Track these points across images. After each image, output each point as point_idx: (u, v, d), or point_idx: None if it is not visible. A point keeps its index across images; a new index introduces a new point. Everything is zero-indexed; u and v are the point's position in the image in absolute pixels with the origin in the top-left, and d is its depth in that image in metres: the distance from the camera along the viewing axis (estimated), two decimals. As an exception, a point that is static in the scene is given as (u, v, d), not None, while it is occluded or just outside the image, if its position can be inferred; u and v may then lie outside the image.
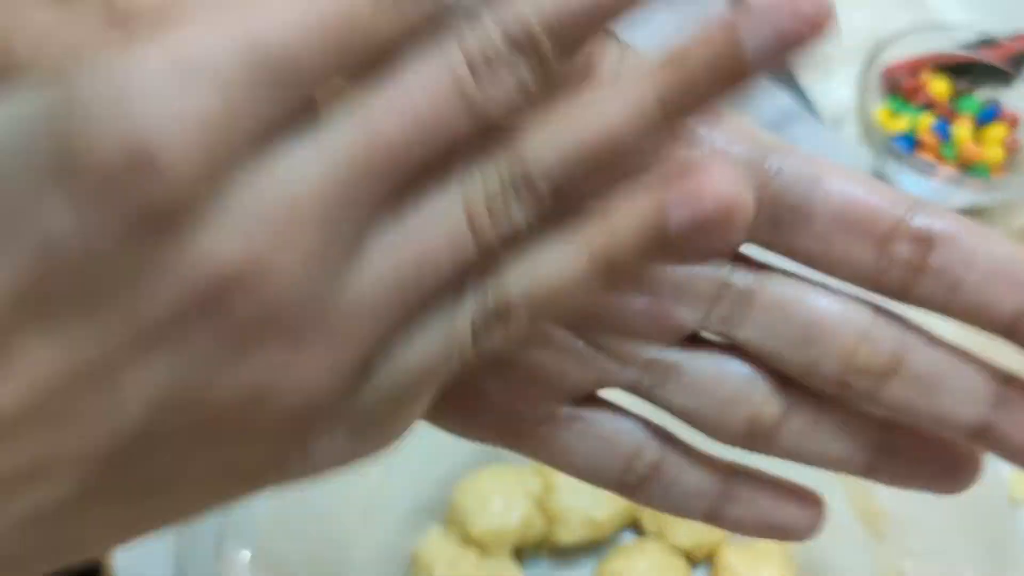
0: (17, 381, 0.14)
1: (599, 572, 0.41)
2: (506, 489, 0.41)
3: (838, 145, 0.53)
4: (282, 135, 0.14)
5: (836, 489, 0.38)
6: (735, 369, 0.19)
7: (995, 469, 0.32)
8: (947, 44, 0.57)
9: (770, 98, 0.55)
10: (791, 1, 0.15)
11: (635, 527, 0.43)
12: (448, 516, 0.41)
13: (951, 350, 0.19)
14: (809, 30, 0.15)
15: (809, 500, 0.21)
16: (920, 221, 0.18)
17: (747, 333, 0.19)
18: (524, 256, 0.16)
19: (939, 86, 0.56)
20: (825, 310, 0.19)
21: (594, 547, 0.42)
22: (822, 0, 0.15)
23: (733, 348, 0.19)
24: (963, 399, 0.19)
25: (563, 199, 0.16)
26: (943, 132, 0.54)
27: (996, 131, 0.55)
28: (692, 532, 0.41)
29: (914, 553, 0.35)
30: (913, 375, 0.19)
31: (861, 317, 0.19)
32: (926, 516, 0.35)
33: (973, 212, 0.54)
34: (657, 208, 0.15)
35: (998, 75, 0.57)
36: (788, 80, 0.58)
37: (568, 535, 0.41)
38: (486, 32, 0.15)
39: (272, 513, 0.35)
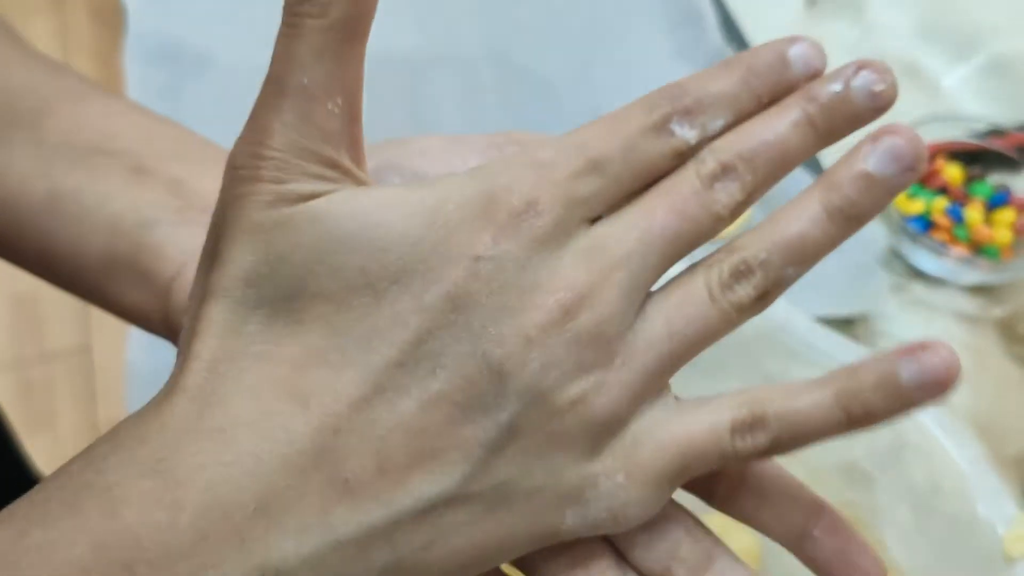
0: None
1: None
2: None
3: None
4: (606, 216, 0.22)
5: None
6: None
7: (991, 531, 0.36)
8: (960, 133, 0.62)
9: (793, 180, 0.59)
10: (943, 361, 0.22)
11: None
12: None
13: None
14: (942, 385, 0.22)
15: None
16: None
17: None
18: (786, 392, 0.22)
19: (953, 172, 0.60)
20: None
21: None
22: (954, 369, 0.22)
23: None
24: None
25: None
26: (956, 215, 0.59)
27: (1006, 215, 0.59)
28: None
29: (920, 603, 0.39)
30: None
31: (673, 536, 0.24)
32: (933, 571, 0.38)
33: (983, 290, 0.58)
34: (894, 364, 0.21)
35: (1008, 163, 0.61)
36: (811, 163, 0.62)
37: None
38: (714, 161, 0.22)
39: None
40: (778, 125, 0.22)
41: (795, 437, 0.22)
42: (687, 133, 0.22)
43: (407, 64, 0.68)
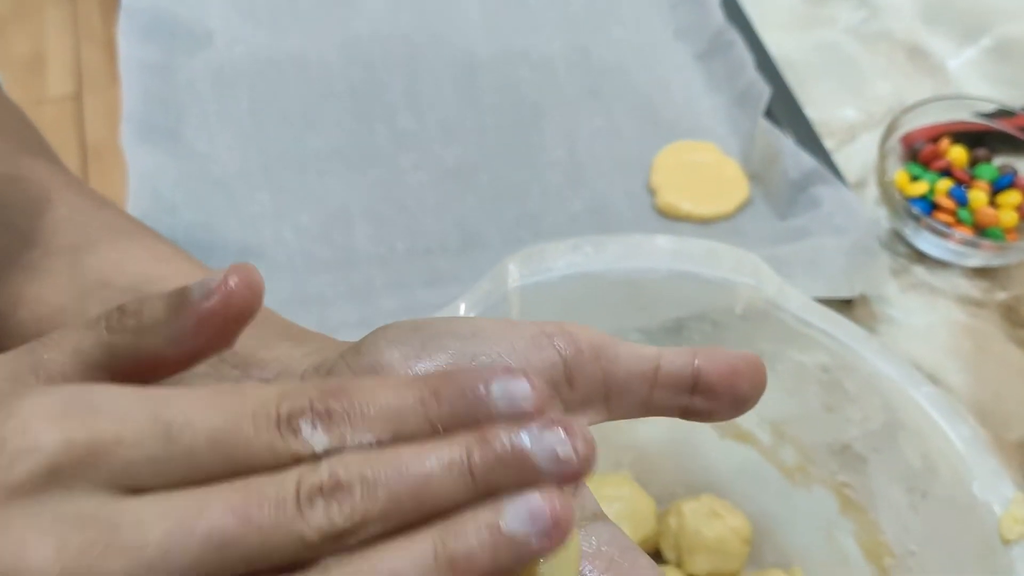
0: None
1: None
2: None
3: (859, 206, 0.57)
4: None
5: (843, 524, 0.41)
6: None
7: (988, 512, 0.35)
8: (966, 114, 0.61)
9: (795, 160, 0.58)
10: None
11: (655, 555, 0.45)
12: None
13: None
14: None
15: None
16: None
17: None
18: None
19: (957, 153, 0.59)
20: None
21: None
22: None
23: None
24: None
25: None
26: (960, 197, 0.57)
27: (1011, 197, 0.58)
28: (710, 560, 0.43)
29: (915, 587, 0.38)
30: None
31: None
32: (926, 554, 0.38)
33: (987, 273, 0.57)
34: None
35: (1014, 144, 0.60)
36: (813, 143, 0.61)
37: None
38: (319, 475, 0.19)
39: None
40: (429, 460, 0.19)
41: None
42: (316, 439, 0.19)
43: (405, 42, 0.67)
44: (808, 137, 0.62)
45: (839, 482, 0.41)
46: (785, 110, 0.63)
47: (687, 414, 0.25)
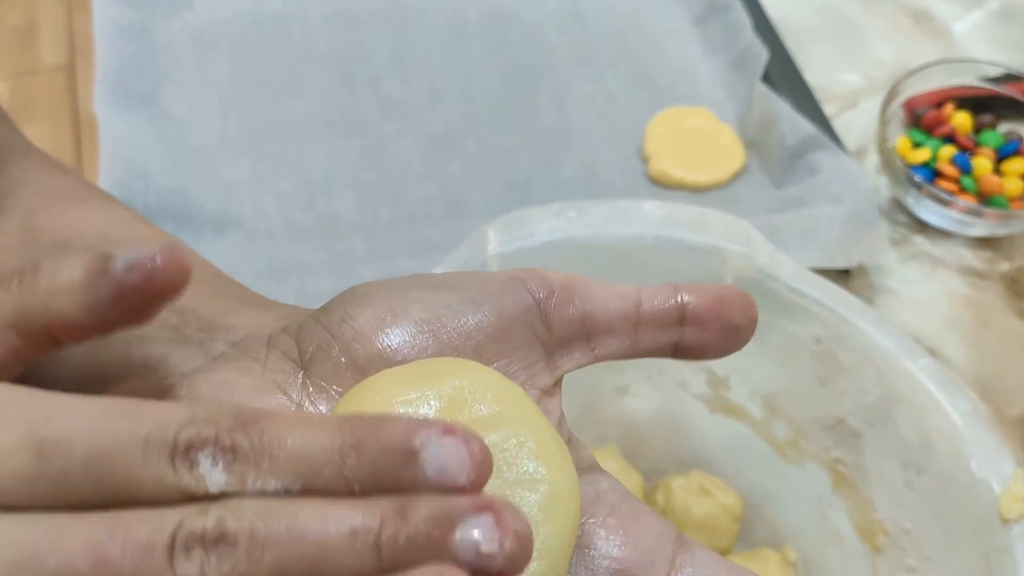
0: None
1: None
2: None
3: (858, 174, 0.55)
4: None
5: (835, 501, 0.39)
6: None
7: (987, 490, 0.33)
8: (971, 78, 0.59)
9: (793, 126, 0.56)
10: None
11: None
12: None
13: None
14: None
15: None
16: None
17: None
18: None
19: (961, 119, 0.57)
20: None
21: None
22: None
23: None
24: None
25: None
26: (963, 164, 0.55)
27: (1016, 164, 0.56)
28: (699, 538, 0.42)
29: (909, 568, 0.36)
30: None
31: None
32: (921, 532, 0.36)
33: (990, 243, 0.55)
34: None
35: (1020, 109, 0.58)
36: (812, 109, 0.59)
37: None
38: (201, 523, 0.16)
39: None
40: (334, 525, 0.16)
41: None
42: (214, 477, 0.17)
43: (391, 4, 0.65)
44: (807, 103, 0.60)
45: (832, 458, 0.40)
46: (783, 75, 0.61)
47: (680, 351, 0.25)
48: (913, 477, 0.36)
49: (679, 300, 0.24)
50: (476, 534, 0.16)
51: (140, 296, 0.19)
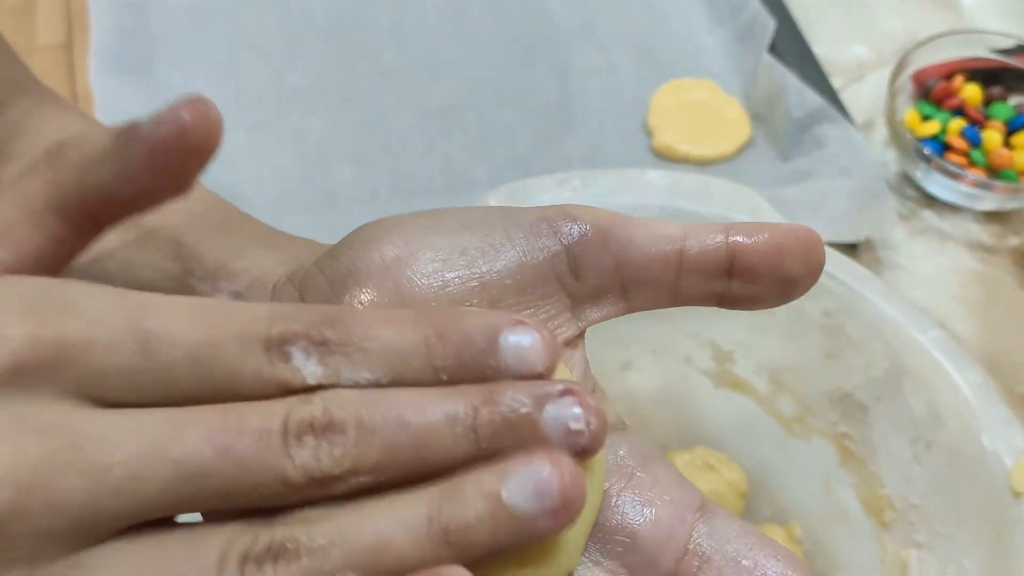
0: None
1: None
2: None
3: (866, 147, 0.54)
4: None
5: (842, 477, 0.39)
6: None
7: (998, 464, 0.32)
8: (981, 50, 0.57)
9: (800, 98, 0.55)
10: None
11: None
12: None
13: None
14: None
15: None
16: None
17: None
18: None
19: (971, 91, 0.56)
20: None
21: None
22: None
23: None
24: None
25: None
26: (973, 137, 0.54)
27: (1027, 138, 0.55)
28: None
29: (917, 543, 0.35)
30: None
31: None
32: (930, 507, 0.35)
33: (999, 217, 0.54)
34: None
35: (1031, 82, 0.57)
36: (819, 81, 0.58)
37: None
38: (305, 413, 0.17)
39: None
40: (432, 411, 0.17)
41: None
42: (309, 369, 0.17)
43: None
44: (814, 75, 0.58)
45: (839, 433, 0.39)
46: (790, 46, 0.60)
47: (725, 301, 0.22)
48: (922, 451, 0.35)
49: (730, 245, 0.21)
50: (564, 414, 0.17)
51: (174, 153, 0.18)
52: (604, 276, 0.21)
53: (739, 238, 0.21)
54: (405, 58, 0.60)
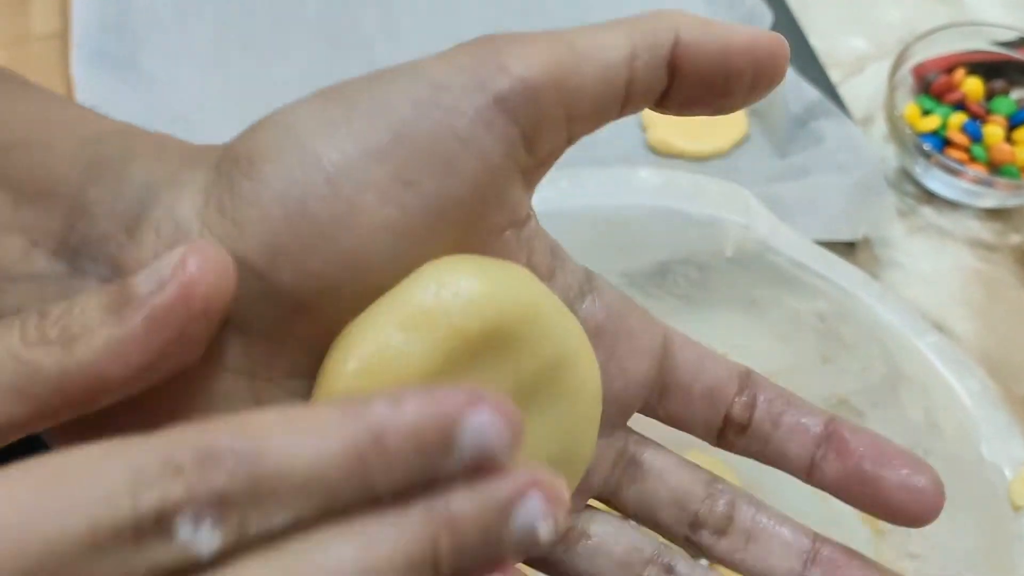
0: None
1: None
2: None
3: (864, 142, 0.53)
4: None
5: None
6: (628, 532, 0.23)
7: (997, 475, 0.32)
8: (983, 43, 0.56)
9: (797, 92, 0.54)
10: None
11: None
12: None
13: (773, 514, 0.24)
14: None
15: None
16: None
17: (630, 496, 0.24)
18: None
19: (972, 85, 0.55)
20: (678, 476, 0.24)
21: None
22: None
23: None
24: (780, 552, 0.24)
25: None
26: (974, 132, 0.53)
27: (1030, 133, 0.54)
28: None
29: (913, 555, 0.35)
30: (740, 530, 0.24)
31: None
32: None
33: (1000, 214, 0.53)
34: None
35: (1034, 76, 0.56)
36: (817, 75, 0.57)
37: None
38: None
39: None
40: (374, 551, 0.13)
41: None
42: (203, 540, 0.13)
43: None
44: (812, 68, 0.57)
45: (834, 439, 0.38)
46: (788, 38, 0.58)
47: (661, 105, 0.21)
48: (919, 460, 0.34)
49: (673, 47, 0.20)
50: (531, 520, 0.14)
51: (180, 318, 0.15)
52: (558, 138, 0.19)
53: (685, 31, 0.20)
54: (396, 50, 0.59)
